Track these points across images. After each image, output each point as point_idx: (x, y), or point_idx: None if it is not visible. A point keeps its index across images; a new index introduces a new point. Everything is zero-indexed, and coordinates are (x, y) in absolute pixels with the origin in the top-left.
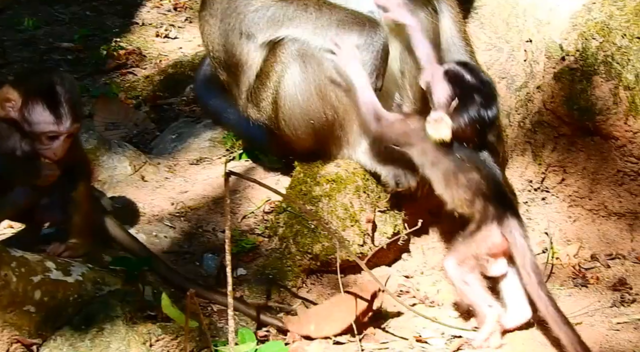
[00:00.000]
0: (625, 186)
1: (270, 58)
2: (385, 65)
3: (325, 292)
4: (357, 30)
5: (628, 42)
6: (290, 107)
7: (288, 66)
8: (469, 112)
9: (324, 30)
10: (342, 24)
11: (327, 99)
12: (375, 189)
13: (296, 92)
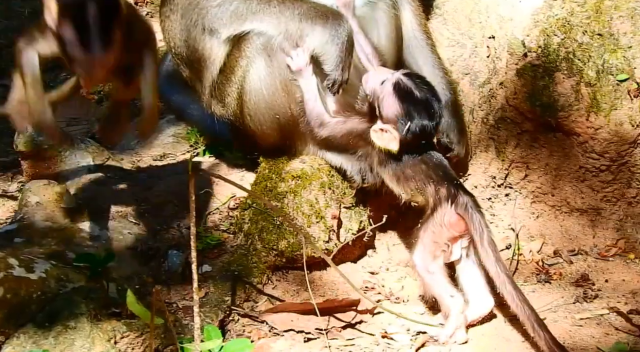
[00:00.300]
0: (587, 182)
1: (234, 53)
2: (350, 57)
3: (290, 289)
4: (320, 23)
5: (589, 38)
6: (256, 102)
7: (253, 61)
8: (415, 126)
9: (288, 23)
10: (306, 17)
11: (293, 94)
12: (341, 185)
13: (261, 86)
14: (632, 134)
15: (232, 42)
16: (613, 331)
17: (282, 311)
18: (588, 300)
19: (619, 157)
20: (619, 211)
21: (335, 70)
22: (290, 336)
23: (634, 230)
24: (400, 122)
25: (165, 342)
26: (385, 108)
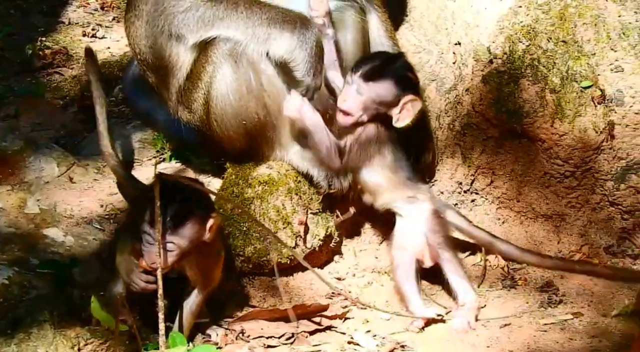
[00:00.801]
0: (552, 188)
1: (201, 58)
2: (321, 61)
3: (257, 295)
4: (288, 28)
5: (553, 45)
6: (222, 108)
7: (220, 66)
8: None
9: (256, 29)
10: (274, 23)
11: (260, 99)
12: (308, 191)
13: (228, 92)
14: (596, 141)
15: (199, 48)
16: (577, 336)
17: (252, 319)
18: (552, 305)
19: (583, 163)
20: (583, 216)
21: (306, 77)
22: (257, 342)
23: (597, 236)
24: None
25: (130, 349)
26: (388, 94)
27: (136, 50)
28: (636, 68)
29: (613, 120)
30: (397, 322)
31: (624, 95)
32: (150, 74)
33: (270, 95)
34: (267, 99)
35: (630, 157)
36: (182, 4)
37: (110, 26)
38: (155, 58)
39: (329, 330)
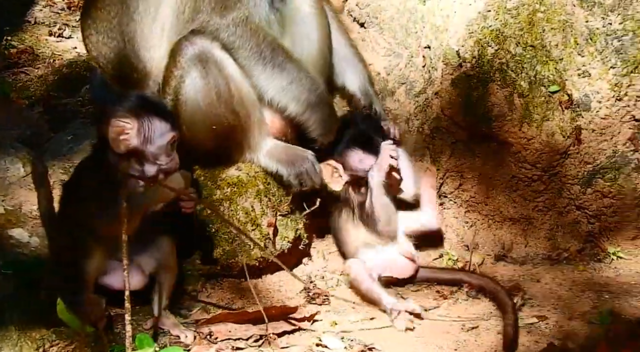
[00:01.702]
0: (520, 191)
1: (170, 64)
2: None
3: (225, 297)
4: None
5: (522, 50)
6: (191, 113)
7: (188, 71)
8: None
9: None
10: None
11: (229, 103)
12: (277, 192)
13: (197, 97)
14: (563, 145)
15: (168, 54)
16: (543, 339)
17: (220, 321)
18: (519, 308)
19: (551, 167)
20: (550, 220)
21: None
22: (225, 344)
23: (564, 239)
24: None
25: (96, 351)
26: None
27: (100, 61)
28: (603, 73)
29: (580, 124)
30: (366, 324)
31: (590, 100)
32: (117, 83)
33: (239, 100)
34: (236, 105)
35: (597, 162)
36: (145, 15)
37: (77, 26)
38: (122, 69)
39: (297, 332)
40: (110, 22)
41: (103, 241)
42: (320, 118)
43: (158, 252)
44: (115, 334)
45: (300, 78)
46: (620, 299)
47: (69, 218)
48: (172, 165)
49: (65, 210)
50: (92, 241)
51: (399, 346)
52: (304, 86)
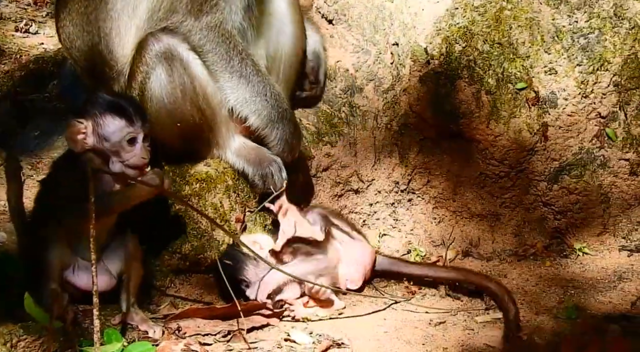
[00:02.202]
0: (487, 188)
1: (136, 59)
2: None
3: (194, 292)
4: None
5: (489, 47)
6: (157, 110)
7: (153, 68)
8: None
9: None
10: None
11: (194, 102)
12: (245, 188)
13: (162, 94)
14: (530, 142)
15: (135, 50)
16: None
17: (188, 317)
18: (487, 304)
19: (518, 163)
20: (517, 216)
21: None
22: (193, 339)
23: (530, 235)
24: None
25: (64, 346)
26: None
27: (73, 54)
28: (569, 70)
29: (547, 121)
30: (336, 323)
31: (557, 97)
32: (86, 74)
33: (205, 99)
34: (202, 103)
35: (563, 159)
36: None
37: (44, 21)
38: (91, 61)
39: (266, 327)
40: (87, 16)
41: (71, 238)
42: (281, 136)
43: (124, 250)
44: (84, 329)
45: (265, 93)
46: (586, 294)
47: (39, 213)
48: (136, 160)
49: (36, 205)
50: (59, 235)
51: (367, 342)
52: (267, 102)
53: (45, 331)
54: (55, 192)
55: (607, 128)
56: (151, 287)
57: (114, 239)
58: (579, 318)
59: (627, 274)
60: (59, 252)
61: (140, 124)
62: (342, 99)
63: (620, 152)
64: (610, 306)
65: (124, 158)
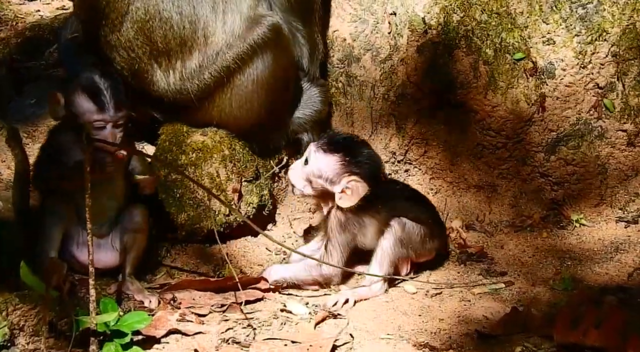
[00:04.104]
0: (484, 159)
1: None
2: None
3: (190, 262)
4: None
5: (487, 17)
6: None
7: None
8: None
9: None
10: None
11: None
12: (242, 158)
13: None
14: (528, 112)
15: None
16: (507, 304)
17: (184, 288)
18: (484, 275)
19: (515, 134)
20: (514, 187)
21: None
22: (189, 310)
23: (527, 206)
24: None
25: (60, 315)
26: (329, 170)
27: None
28: (567, 41)
29: (544, 92)
30: (332, 294)
31: (555, 67)
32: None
33: None
34: None
35: (561, 129)
36: None
37: None
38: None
39: (261, 301)
40: None
41: (79, 212)
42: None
43: (130, 222)
44: (80, 299)
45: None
46: (583, 265)
47: (38, 179)
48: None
49: (36, 170)
50: (63, 207)
51: (364, 312)
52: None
53: (41, 300)
54: (51, 152)
55: (604, 99)
56: (147, 257)
57: (123, 214)
58: (575, 289)
59: (624, 245)
60: (61, 222)
61: (112, 113)
62: (339, 68)
63: (617, 123)
64: (607, 278)
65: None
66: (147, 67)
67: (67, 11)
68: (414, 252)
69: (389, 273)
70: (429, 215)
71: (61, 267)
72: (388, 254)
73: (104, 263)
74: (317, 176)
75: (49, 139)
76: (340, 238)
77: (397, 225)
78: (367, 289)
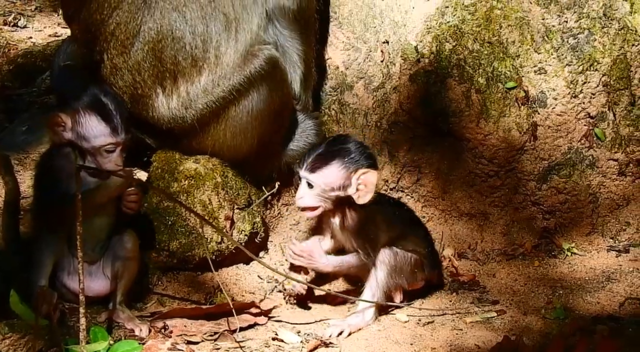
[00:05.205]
0: (476, 186)
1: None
2: None
3: (181, 290)
4: None
5: (479, 46)
6: (257, 124)
7: (266, 79)
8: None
9: None
10: None
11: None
12: (234, 185)
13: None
14: (520, 141)
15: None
16: (499, 333)
17: (175, 316)
18: (476, 303)
19: (507, 163)
20: (506, 216)
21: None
22: (181, 338)
23: (519, 235)
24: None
25: (50, 344)
26: (336, 179)
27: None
28: (558, 70)
29: (536, 121)
30: (324, 322)
31: (546, 96)
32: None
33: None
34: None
35: (552, 158)
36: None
37: (33, 15)
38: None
39: (253, 327)
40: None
41: (64, 234)
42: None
43: (121, 249)
44: (70, 327)
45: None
46: (575, 294)
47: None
48: (110, 166)
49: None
50: (55, 235)
51: (356, 341)
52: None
53: (31, 329)
54: (42, 181)
55: (596, 128)
56: (138, 285)
57: (113, 240)
58: (567, 318)
59: (615, 274)
60: (52, 250)
61: (123, 136)
62: (332, 96)
63: (608, 153)
64: (599, 307)
65: (98, 161)
66: (149, 92)
67: (59, 38)
68: (406, 281)
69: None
70: (425, 243)
71: (51, 295)
72: (382, 285)
73: (94, 291)
74: (329, 190)
75: (43, 166)
76: (364, 233)
77: (390, 255)
78: (360, 318)
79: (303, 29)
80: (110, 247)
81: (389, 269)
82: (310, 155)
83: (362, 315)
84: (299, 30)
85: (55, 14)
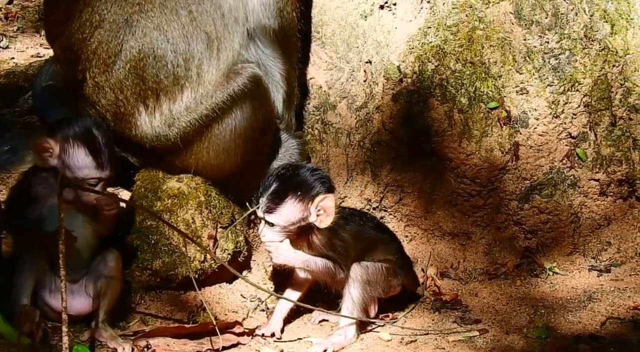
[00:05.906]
0: (459, 206)
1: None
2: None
3: (164, 309)
4: None
5: (461, 66)
6: (238, 143)
7: (250, 98)
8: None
9: None
10: None
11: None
12: (218, 204)
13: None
14: (502, 161)
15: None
16: None
17: (158, 335)
18: (458, 322)
19: (489, 182)
20: (488, 235)
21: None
22: None
23: (501, 254)
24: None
25: None
26: (294, 214)
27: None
28: (540, 90)
29: (518, 141)
30: (307, 342)
31: (528, 117)
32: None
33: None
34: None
35: (534, 178)
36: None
37: (15, 36)
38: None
39: (235, 347)
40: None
41: (52, 258)
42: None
43: (104, 267)
44: (52, 346)
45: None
46: (556, 314)
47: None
48: (91, 197)
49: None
50: (37, 253)
51: None
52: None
53: (14, 348)
54: (23, 204)
55: (577, 148)
56: (120, 304)
57: (96, 258)
58: (549, 338)
59: (597, 294)
60: (32, 269)
61: (107, 172)
62: (315, 115)
63: (590, 173)
64: (580, 326)
65: (78, 192)
66: (132, 110)
67: (41, 59)
68: (382, 291)
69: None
70: (394, 249)
71: (34, 314)
72: (358, 302)
73: (77, 310)
74: (290, 224)
75: (24, 186)
76: (332, 251)
77: (361, 270)
78: (343, 337)
79: (285, 49)
80: (93, 265)
81: (362, 285)
82: (264, 194)
83: (345, 333)
84: (280, 49)
85: (37, 34)
